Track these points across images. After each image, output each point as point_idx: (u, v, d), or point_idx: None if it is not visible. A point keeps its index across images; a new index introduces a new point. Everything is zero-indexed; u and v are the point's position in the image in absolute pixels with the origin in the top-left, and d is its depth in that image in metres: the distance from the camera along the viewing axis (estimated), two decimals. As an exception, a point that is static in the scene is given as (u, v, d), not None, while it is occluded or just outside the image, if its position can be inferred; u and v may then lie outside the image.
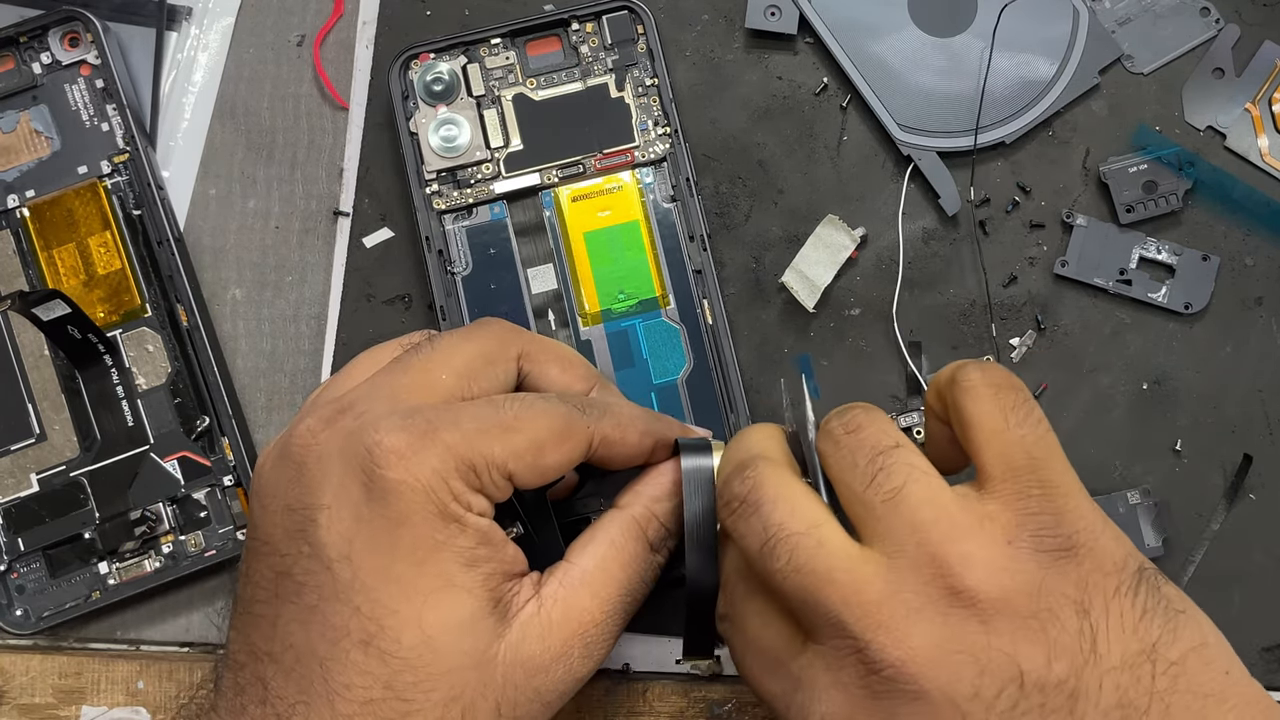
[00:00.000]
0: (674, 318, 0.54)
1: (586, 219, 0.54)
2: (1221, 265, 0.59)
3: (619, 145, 0.55)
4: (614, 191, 0.54)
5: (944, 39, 0.60)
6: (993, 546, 0.36)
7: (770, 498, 0.39)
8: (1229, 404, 0.58)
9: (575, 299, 0.54)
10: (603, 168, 0.54)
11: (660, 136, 0.55)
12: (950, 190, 0.59)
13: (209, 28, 0.63)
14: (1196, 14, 0.61)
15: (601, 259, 0.54)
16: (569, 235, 0.54)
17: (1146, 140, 0.60)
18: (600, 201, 0.54)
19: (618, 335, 0.53)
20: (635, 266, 0.54)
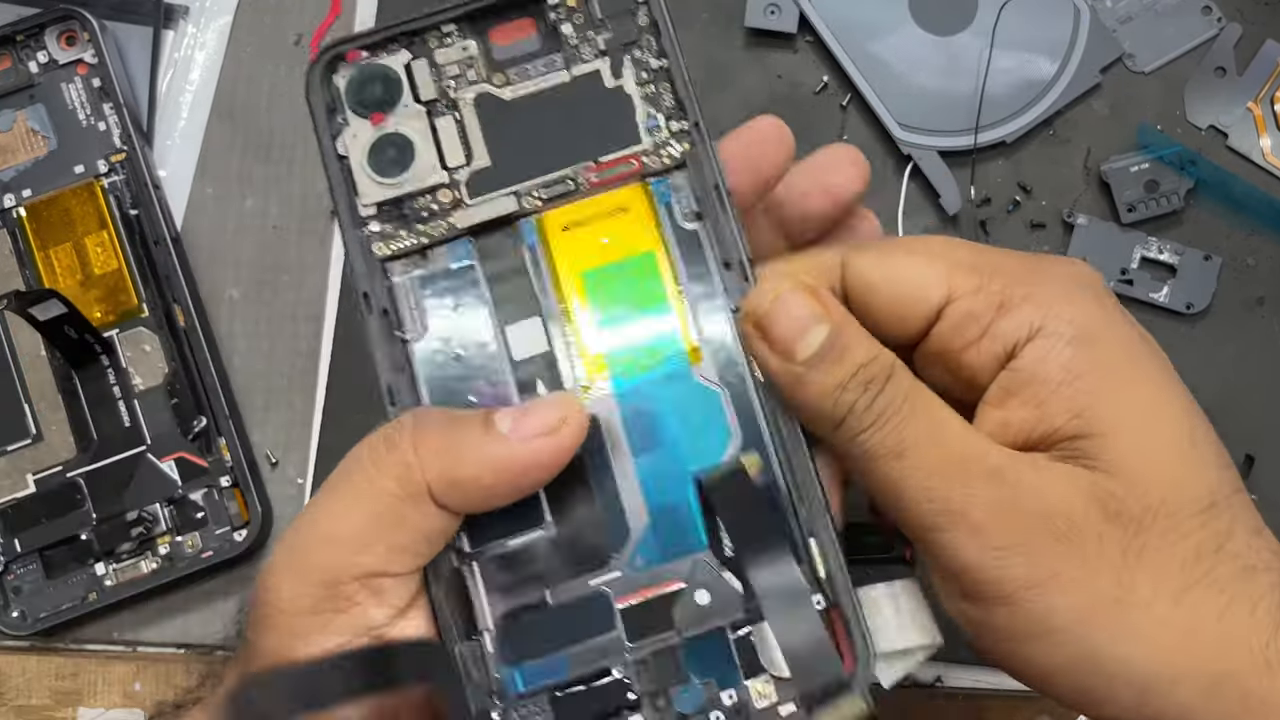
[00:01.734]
0: (711, 378, 0.37)
1: (584, 253, 0.38)
2: (1223, 265, 0.59)
3: (621, 150, 0.38)
4: (619, 214, 0.38)
5: (944, 38, 0.60)
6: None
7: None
8: (1231, 404, 0.58)
9: (574, 362, 0.38)
10: (601, 182, 0.38)
11: (677, 135, 0.38)
12: (951, 190, 0.59)
13: (206, 27, 0.62)
14: (1198, 13, 0.61)
15: (607, 306, 0.38)
16: (561, 277, 0.38)
17: (1148, 139, 0.59)
18: (601, 228, 0.38)
19: (635, 408, 0.37)
20: (655, 312, 0.38)
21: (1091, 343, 0.34)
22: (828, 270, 0.36)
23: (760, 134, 0.38)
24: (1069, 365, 0.34)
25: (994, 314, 0.34)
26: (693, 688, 0.36)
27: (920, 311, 0.35)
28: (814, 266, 0.37)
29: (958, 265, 0.35)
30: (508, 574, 0.36)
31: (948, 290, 0.35)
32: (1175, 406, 0.34)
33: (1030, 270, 0.35)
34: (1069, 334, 0.34)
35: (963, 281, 0.35)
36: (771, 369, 0.35)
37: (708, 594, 0.36)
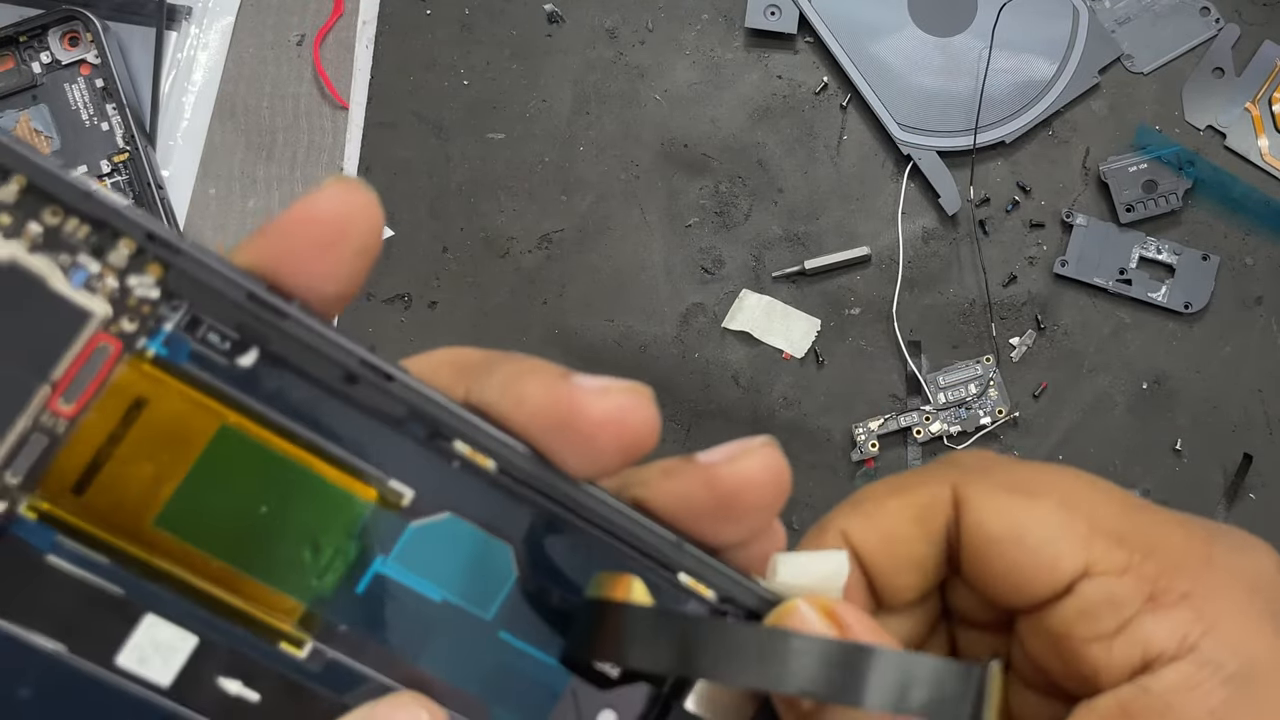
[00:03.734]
0: (428, 508, 0.26)
1: (132, 500, 0.24)
2: (1221, 265, 0.59)
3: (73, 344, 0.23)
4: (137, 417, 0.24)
5: (944, 38, 0.60)
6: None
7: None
8: (1229, 404, 0.58)
9: (246, 629, 0.25)
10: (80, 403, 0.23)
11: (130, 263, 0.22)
12: (950, 190, 0.59)
13: (209, 27, 0.63)
14: (1196, 13, 0.61)
15: (225, 531, 0.25)
16: (128, 549, 0.24)
17: (1146, 140, 0.60)
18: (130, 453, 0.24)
19: (368, 613, 0.26)
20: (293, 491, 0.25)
21: (1253, 687, 0.26)
22: (940, 511, 0.29)
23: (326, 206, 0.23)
24: (1219, 711, 0.26)
25: (1140, 606, 0.27)
26: None
27: (1046, 584, 0.27)
28: (922, 509, 0.29)
29: (1101, 530, 0.27)
30: None
31: (1085, 562, 0.27)
32: None
33: (1196, 556, 0.27)
34: (1230, 669, 0.26)
35: (1106, 555, 0.27)
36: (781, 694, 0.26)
37: (611, 712, 0.28)
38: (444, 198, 0.60)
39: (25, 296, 0.22)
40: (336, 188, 0.23)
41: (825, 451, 0.59)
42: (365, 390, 0.23)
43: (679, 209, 0.60)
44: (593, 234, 0.60)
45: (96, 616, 0.24)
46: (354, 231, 0.23)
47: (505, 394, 0.24)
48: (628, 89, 0.60)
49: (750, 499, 0.24)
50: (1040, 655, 0.28)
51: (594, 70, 0.61)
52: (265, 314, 0.23)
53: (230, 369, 0.23)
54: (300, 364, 0.24)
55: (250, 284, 0.23)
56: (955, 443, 0.59)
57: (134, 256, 0.22)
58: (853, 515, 0.28)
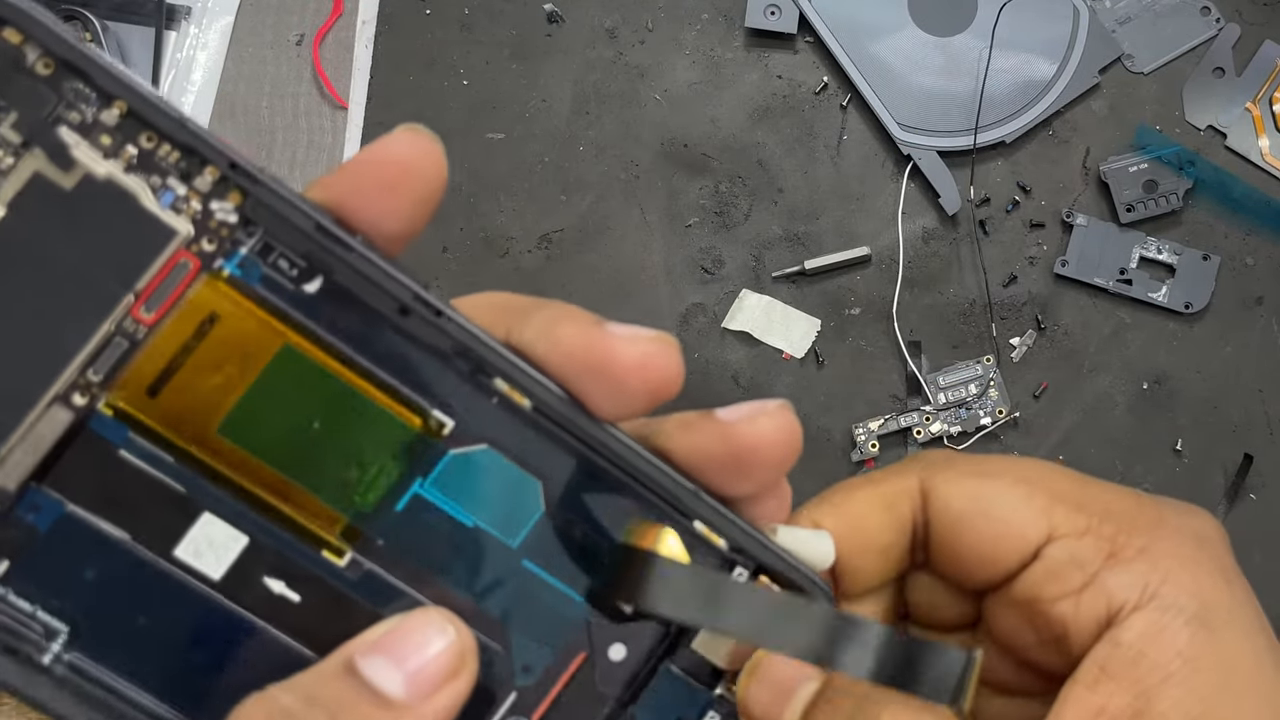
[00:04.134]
0: (467, 438, 0.28)
1: (203, 403, 0.26)
2: (1222, 265, 0.59)
3: (158, 257, 0.26)
4: (211, 329, 0.26)
5: (944, 38, 0.60)
6: None
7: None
8: (1229, 404, 0.58)
9: (293, 534, 0.27)
10: (160, 312, 0.26)
11: (213, 189, 0.25)
12: (950, 190, 0.59)
13: (208, 27, 0.63)
14: (1197, 13, 0.61)
15: (281, 441, 0.27)
16: (195, 449, 0.27)
17: (1147, 140, 0.60)
18: (200, 362, 0.26)
19: (404, 530, 0.28)
20: (346, 411, 0.27)
21: (1212, 627, 0.28)
22: (906, 499, 0.31)
23: (396, 149, 0.26)
24: (1186, 652, 0.28)
25: (1102, 563, 0.29)
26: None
27: (1015, 552, 0.29)
28: (889, 497, 0.30)
29: (1060, 499, 0.30)
30: None
31: (1048, 528, 0.29)
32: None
33: (1147, 517, 0.30)
34: (1189, 611, 0.28)
35: (1066, 520, 0.29)
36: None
37: (620, 645, 0.30)
38: (443, 198, 0.60)
39: (118, 211, 0.25)
40: (405, 133, 0.25)
41: (825, 451, 0.59)
42: (416, 323, 0.26)
43: (679, 209, 0.60)
44: (593, 234, 0.60)
45: (159, 510, 0.26)
46: (417, 173, 0.25)
47: (543, 336, 0.26)
48: (628, 89, 0.60)
49: (763, 456, 0.26)
50: (1011, 632, 0.30)
51: (594, 70, 0.61)
52: (331, 245, 0.25)
53: (296, 294, 0.26)
54: (359, 293, 0.26)
55: (319, 216, 0.25)
56: (955, 443, 0.58)
57: (217, 183, 0.25)
58: (822, 505, 0.30)
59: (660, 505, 0.28)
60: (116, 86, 0.24)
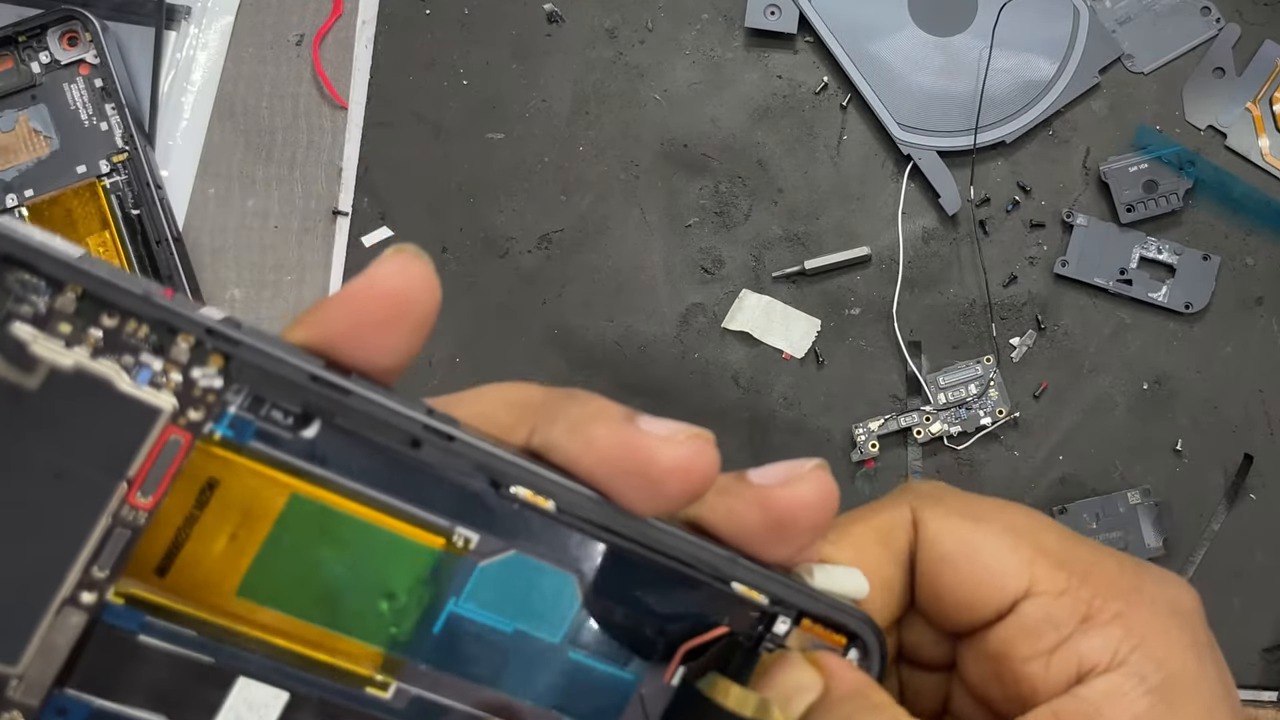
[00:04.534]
0: (494, 547, 0.27)
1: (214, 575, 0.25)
2: (1222, 265, 0.59)
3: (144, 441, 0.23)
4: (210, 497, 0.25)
5: (944, 38, 0.60)
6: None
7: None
8: (1229, 404, 0.58)
9: (333, 679, 0.27)
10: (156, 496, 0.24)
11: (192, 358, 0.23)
12: (950, 190, 0.59)
13: (208, 27, 0.62)
14: (1197, 13, 0.61)
15: (304, 592, 0.26)
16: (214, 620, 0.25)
17: (1147, 140, 0.60)
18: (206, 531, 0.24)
19: (446, 650, 0.28)
20: (366, 549, 0.26)
21: (1171, 700, 0.28)
22: (901, 531, 0.31)
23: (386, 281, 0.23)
24: (1141, 717, 0.28)
25: (1076, 625, 0.29)
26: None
27: (994, 601, 0.29)
28: (884, 530, 0.30)
29: (1044, 554, 0.29)
30: None
31: (1028, 582, 0.29)
32: None
33: (1126, 582, 0.30)
34: (1153, 680, 0.28)
35: (1047, 576, 0.29)
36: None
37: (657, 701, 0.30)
38: (443, 198, 0.60)
39: (95, 400, 0.23)
40: (395, 262, 0.23)
41: (825, 452, 0.59)
42: (429, 452, 0.24)
43: (679, 209, 0.60)
44: (592, 234, 0.60)
45: (191, 686, 0.25)
46: (413, 306, 0.23)
47: (574, 436, 0.25)
48: (627, 89, 0.60)
49: (803, 522, 0.26)
50: (981, 682, 0.30)
51: (594, 70, 0.61)
52: (326, 391, 0.24)
53: (295, 441, 0.24)
54: (362, 432, 0.24)
55: (310, 365, 0.24)
56: (956, 443, 0.58)
57: (194, 350, 0.23)
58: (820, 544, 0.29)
59: (694, 575, 0.27)
60: (65, 272, 0.22)
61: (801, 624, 0.28)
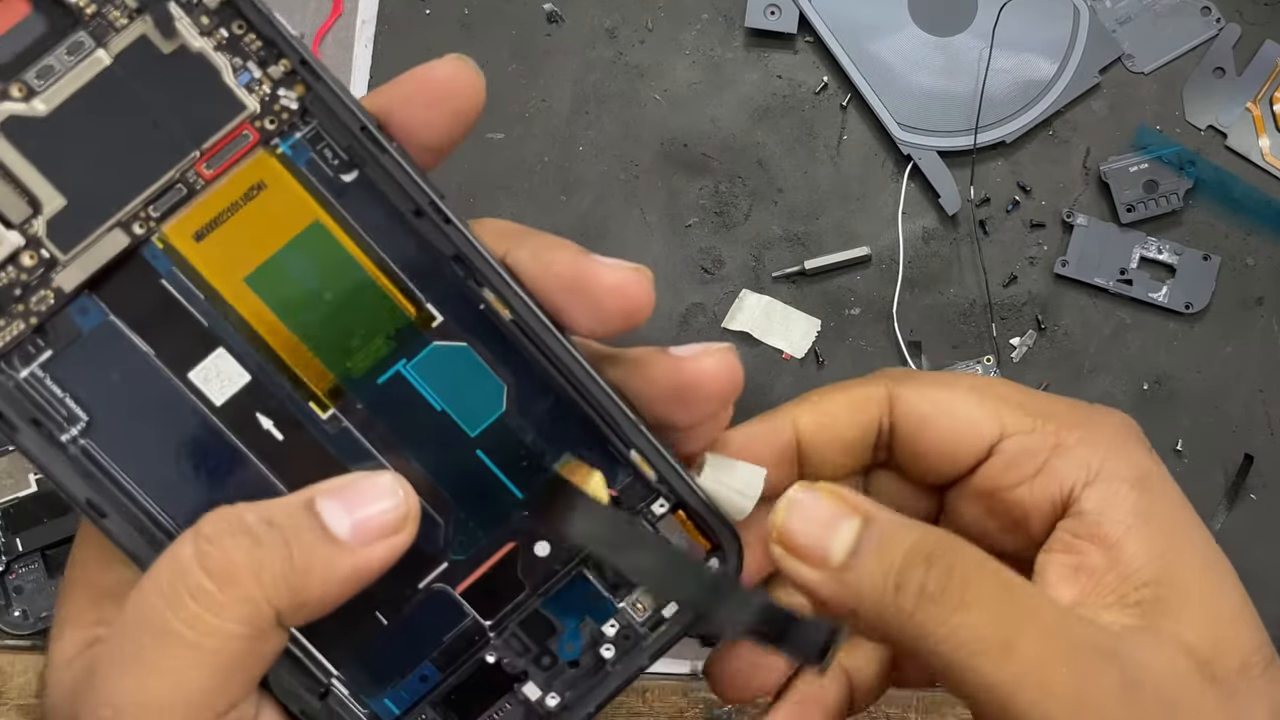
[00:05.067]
0: (452, 334, 0.33)
1: (236, 255, 0.32)
2: (1222, 265, 0.59)
3: (226, 126, 0.31)
4: (258, 193, 0.32)
5: (944, 38, 0.60)
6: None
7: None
8: (1230, 404, 0.58)
9: (289, 380, 0.32)
10: (217, 171, 0.31)
11: (283, 80, 0.30)
12: (950, 190, 0.59)
13: (208, 27, 0.62)
14: (1197, 13, 0.61)
15: (294, 301, 0.32)
16: (222, 292, 0.32)
17: (1147, 140, 0.60)
18: (244, 219, 0.31)
19: (384, 399, 0.32)
20: (353, 288, 0.32)
21: (1149, 490, 0.33)
22: (874, 403, 0.34)
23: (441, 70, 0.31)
24: (1137, 508, 0.32)
25: (1049, 453, 0.33)
26: (571, 634, 0.35)
27: (973, 447, 0.34)
28: (859, 400, 0.35)
29: (1008, 403, 0.34)
30: (333, 619, 0.32)
31: (1000, 428, 0.34)
32: (1224, 562, 0.34)
33: (1081, 416, 0.34)
34: (1130, 477, 0.33)
35: (1015, 420, 0.34)
36: (814, 586, 0.31)
37: (545, 543, 0.34)
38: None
39: (202, 81, 0.30)
40: (450, 60, 0.30)
41: (825, 452, 0.59)
42: (426, 225, 0.30)
43: (679, 209, 0.60)
44: (593, 234, 0.60)
45: (183, 337, 0.31)
46: (456, 93, 0.30)
47: (536, 257, 0.30)
48: (627, 89, 0.60)
49: (706, 389, 0.30)
50: (975, 521, 0.34)
51: (594, 70, 0.61)
52: (370, 145, 0.30)
53: (334, 180, 0.31)
54: (385, 190, 0.31)
55: (365, 119, 0.30)
56: (955, 443, 0.58)
57: (287, 74, 0.30)
58: (800, 405, 0.35)
59: (604, 429, 0.32)
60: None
61: (677, 514, 0.33)
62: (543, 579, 0.34)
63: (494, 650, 0.35)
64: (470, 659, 0.34)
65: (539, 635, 0.35)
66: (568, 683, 0.35)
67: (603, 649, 0.35)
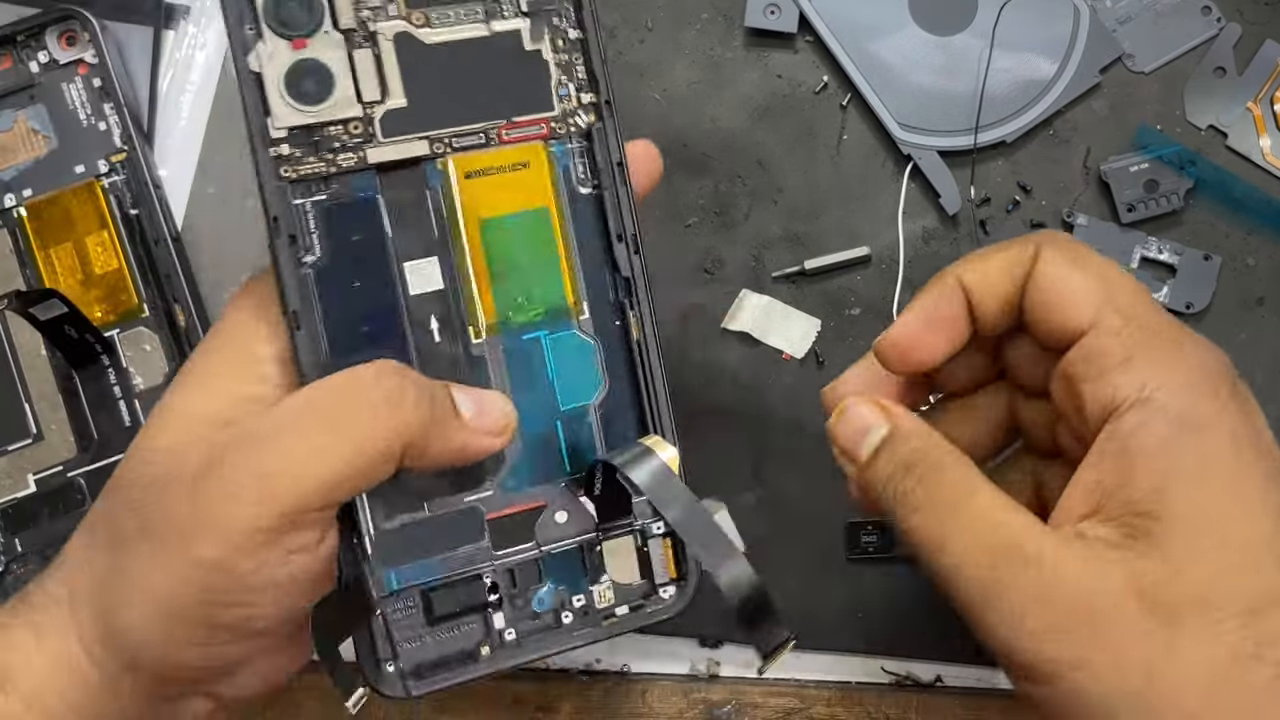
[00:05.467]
0: (588, 331, 0.42)
1: (484, 201, 0.41)
2: (1223, 265, 0.59)
3: (534, 114, 0.41)
4: (521, 169, 0.41)
5: (944, 38, 0.60)
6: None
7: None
8: (1230, 404, 0.58)
9: (466, 304, 0.41)
10: (511, 139, 0.41)
11: (585, 106, 0.41)
12: (950, 189, 0.59)
13: (207, 26, 0.62)
14: (1198, 13, 0.61)
15: (501, 253, 0.41)
16: (461, 221, 0.41)
17: (1148, 139, 0.59)
18: (503, 180, 0.41)
19: (519, 351, 0.41)
20: (543, 265, 0.42)
21: (1197, 429, 0.35)
22: (1023, 261, 0.39)
23: (647, 148, 0.44)
24: (1164, 443, 0.35)
25: (1120, 361, 0.36)
26: (548, 591, 0.42)
27: (1071, 324, 0.37)
28: (1013, 256, 0.39)
29: (1114, 301, 0.37)
30: (393, 490, 0.40)
31: (1092, 318, 0.37)
32: (1262, 508, 0.34)
33: (1170, 338, 0.37)
34: (1174, 412, 0.35)
35: (1109, 317, 0.37)
36: (850, 476, 0.40)
37: (566, 514, 0.42)
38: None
39: (535, 75, 0.41)
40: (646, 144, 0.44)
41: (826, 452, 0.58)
42: (620, 249, 0.42)
43: (679, 209, 0.59)
44: (592, 234, 0.60)
45: (416, 236, 0.41)
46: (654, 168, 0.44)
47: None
48: (628, 89, 0.60)
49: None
50: (1060, 400, 0.39)
51: (593, 70, 0.61)
52: (615, 177, 0.42)
53: (574, 187, 0.42)
54: (606, 211, 0.42)
55: (622, 157, 0.42)
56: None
57: (590, 104, 0.42)
58: (965, 264, 0.40)
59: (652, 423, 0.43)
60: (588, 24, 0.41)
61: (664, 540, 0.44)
62: (549, 540, 0.42)
63: (488, 575, 0.42)
64: (466, 573, 0.41)
65: (525, 581, 0.42)
66: (526, 628, 0.42)
67: (564, 615, 0.42)
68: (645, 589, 0.43)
